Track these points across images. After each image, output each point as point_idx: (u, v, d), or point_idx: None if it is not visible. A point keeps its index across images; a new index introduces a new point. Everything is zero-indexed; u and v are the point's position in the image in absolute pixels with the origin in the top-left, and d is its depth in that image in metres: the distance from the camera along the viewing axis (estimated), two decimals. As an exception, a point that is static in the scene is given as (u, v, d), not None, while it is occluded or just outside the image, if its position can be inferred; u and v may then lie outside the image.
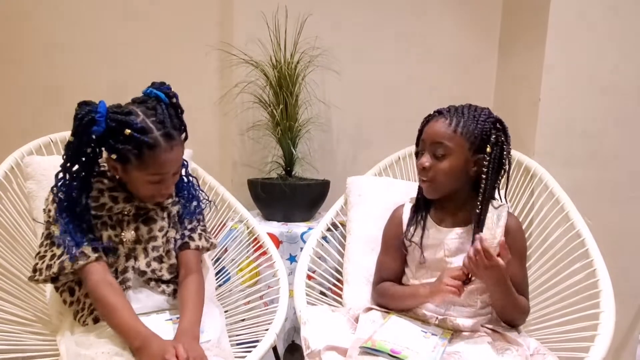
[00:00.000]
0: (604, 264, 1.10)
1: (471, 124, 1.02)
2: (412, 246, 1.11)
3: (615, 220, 1.55)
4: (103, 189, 0.98)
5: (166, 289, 1.04)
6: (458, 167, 1.02)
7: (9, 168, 1.21)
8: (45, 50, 1.73)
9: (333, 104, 1.80)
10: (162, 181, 0.97)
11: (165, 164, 0.94)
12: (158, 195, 1.00)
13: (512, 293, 0.98)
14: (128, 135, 0.89)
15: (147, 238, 1.02)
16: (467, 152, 1.02)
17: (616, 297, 1.04)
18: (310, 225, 1.56)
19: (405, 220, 1.14)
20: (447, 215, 1.09)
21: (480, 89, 1.83)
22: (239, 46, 1.69)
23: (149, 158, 0.91)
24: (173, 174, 0.99)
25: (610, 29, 1.48)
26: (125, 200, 1.00)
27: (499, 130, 1.02)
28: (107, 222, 0.99)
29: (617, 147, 1.54)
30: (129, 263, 1.00)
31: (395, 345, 0.90)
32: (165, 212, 1.06)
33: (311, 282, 1.31)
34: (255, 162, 1.81)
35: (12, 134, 1.71)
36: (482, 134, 1.02)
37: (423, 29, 1.80)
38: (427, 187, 1.07)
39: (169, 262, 1.05)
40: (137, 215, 1.02)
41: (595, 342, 0.95)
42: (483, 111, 1.05)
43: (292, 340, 1.49)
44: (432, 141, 1.03)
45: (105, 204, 0.97)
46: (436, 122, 1.04)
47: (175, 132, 0.95)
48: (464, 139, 1.01)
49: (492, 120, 1.03)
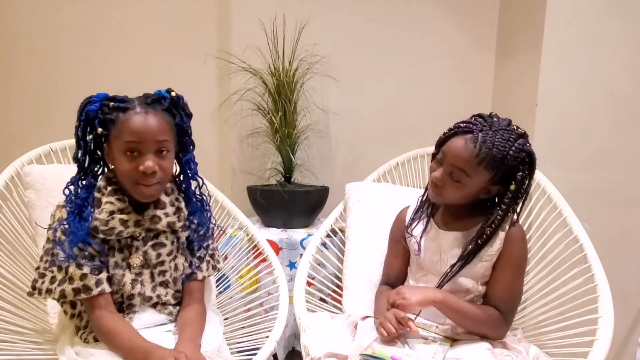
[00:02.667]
0: (602, 268, 1.10)
1: (500, 156, 0.92)
2: (412, 241, 1.11)
3: (613, 225, 1.56)
4: (114, 211, 0.94)
5: (173, 309, 1.03)
6: (471, 193, 0.99)
7: (9, 177, 1.21)
8: (45, 60, 1.73)
9: (331, 111, 1.81)
10: (139, 154, 0.91)
11: (139, 129, 0.90)
12: (139, 175, 0.92)
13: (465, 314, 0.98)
14: (112, 107, 0.92)
15: (154, 263, 1.00)
16: (487, 182, 0.97)
17: (615, 301, 1.04)
18: (309, 231, 1.56)
19: (408, 220, 1.16)
20: (450, 218, 1.08)
21: (477, 94, 1.84)
22: (238, 54, 1.70)
23: (124, 122, 0.91)
24: (155, 151, 0.92)
25: (607, 33, 1.49)
26: (135, 225, 0.97)
27: (527, 165, 0.95)
28: (115, 247, 0.97)
29: (614, 151, 1.55)
30: (135, 290, 0.97)
31: (395, 352, 0.91)
32: (174, 236, 1.03)
33: (311, 289, 1.31)
34: (255, 169, 1.82)
35: (12, 143, 1.71)
36: (509, 169, 0.94)
37: (420, 34, 1.81)
38: (433, 196, 1.05)
39: (174, 288, 1.04)
40: (146, 239, 0.99)
41: (593, 348, 0.95)
42: (518, 140, 0.94)
43: (292, 347, 1.49)
44: (452, 163, 0.96)
45: (115, 229, 0.94)
46: (464, 143, 0.94)
47: (159, 108, 0.95)
48: (487, 171, 0.94)
49: (525, 155, 0.94)
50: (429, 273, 1.09)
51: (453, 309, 0.98)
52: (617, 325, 1.01)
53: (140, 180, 0.93)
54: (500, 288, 1.01)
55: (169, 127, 0.95)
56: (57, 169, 1.22)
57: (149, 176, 0.92)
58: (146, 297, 0.99)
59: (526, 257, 1.06)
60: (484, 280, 1.04)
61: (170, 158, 0.97)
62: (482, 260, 1.01)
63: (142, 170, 0.91)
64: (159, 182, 0.95)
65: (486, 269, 1.02)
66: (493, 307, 1.01)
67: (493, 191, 0.99)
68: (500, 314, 1.00)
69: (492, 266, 1.03)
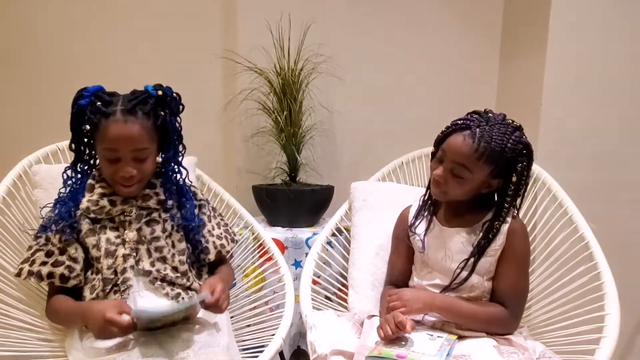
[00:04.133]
0: (607, 266, 1.10)
1: (499, 149, 0.95)
2: (415, 239, 1.11)
3: (618, 223, 1.55)
4: (105, 193, 1.03)
5: (170, 291, 1.03)
6: (473, 188, 1.01)
7: (17, 176, 1.22)
8: (53, 59, 1.74)
9: (336, 110, 1.81)
10: (119, 160, 0.99)
11: (117, 138, 0.96)
12: (118, 178, 1.00)
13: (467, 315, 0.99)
14: (97, 106, 0.96)
15: (149, 239, 1.04)
16: (488, 176, 0.99)
17: (620, 299, 1.04)
18: (314, 230, 1.57)
19: (412, 219, 1.16)
20: (453, 215, 1.09)
21: (482, 94, 1.84)
22: (243, 54, 1.71)
23: (104, 129, 0.96)
24: (133, 158, 0.99)
25: (612, 31, 1.49)
26: (123, 203, 1.04)
27: (525, 157, 0.98)
28: (107, 225, 1.02)
29: (620, 149, 1.54)
30: (127, 263, 1.00)
31: (400, 350, 0.91)
32: (167, 214, 1.08)
33: (316, 287, 1.31)
34: (260, 168, 1.82)
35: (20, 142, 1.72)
36: (508, 162, 0.97)
37: (425, 34, 1.82)
38: (437, 194, 1.06)
39: (172, 264, 1.06)
40: (139, 216, 1.04)
41: (600, 345, 0.95)
42: (514, 133, 0.97)
43: (298, 346, 1.50)
44: (453, 159, 0.99)
45: (104, 207, 1.02)
46: (462, 139, 0.97)
47: (140, 114, 0.98)
48: (487, 165, 0.96)
49: (522, 147, 0.97)
50: (434, 270, 1.09)
51: (455, 313, 1.00)
52: (622, 323, 1.00)
53: (120, 182, 1.01)
54: (506, 283, 1.02)
55: (147, 133, 1.00)
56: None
57: (128, 179, 1.00)
58: (145, 271, 1.02)
59: (529, 251, 1.07)
60: (489, 276, 1.04)
61: (150, 160, 1.04)
62: (487, 256, 1.02)
63: (121, 175, 0.99)
64: (139, 182, 1.03)
65: (491, 264, 1.03)
66: (500, 303, 1.01)
67: (494, 185, 1.01)
68: (507, 310, 1.01)
69: (497, 261, 1.03)
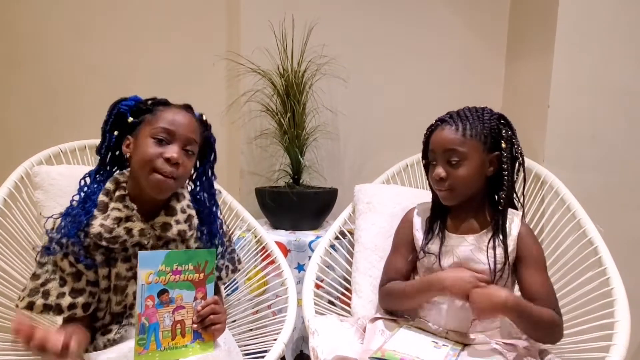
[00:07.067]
0: (617, 271, 1.08)
1: (478, 124, 1.01)
2: (428, 255, 1.09)
3: (627, 227, 1.53)
4: (120, 219, 0.91)
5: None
6: (475, 170, 1.01)
7: (19, 178, 1.22)
8: (56, 62, 1.75)
9: (340, 112, 1.80)
10: (168, 143, 0.92)
11: (174, 121, 0.94)
12: (160, 162, 0.91)
13: (525, 314, 0.92)
14: (152, 102, 0.98)
15: None
16: (482, 153, 1.01)
17: (630, 305, 1.02)
18: (318, 233, 1.55)
19: (416, 225, 1.14)
20: (461, 222, 1.07)
21: (488, 96, 1.82)
22: (247, 55, 1.70)
23: (161, 112, 0.95)
24: (182, 147, 0.93)
25: (620, 33, 1.47)
26: (140, 234, 0.93)
27: (505, 125, 1.03)
28: (119, 257, 0.94)
29: (628, 152, 1.52)
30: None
31: (405, 355, 0.89)
32: (184, 246, 1.01)
33: (319, 291, 1.30)
34: (263, 170, 1.81)
35: (22, 144, 1.73)
36: (492, 132, 1.01)
37: (430, 36, 1.80)
38: (445, 196, 1.04)
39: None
40: (155, 247, 0.96)
41: (610, 353, 0.92)
42: (484, 110, 1.05)
43: (301, 350, 1.48)
44: (443, 150, 1.01)
45: (119, 237, 0.91)
46: (442, 130, 1.03)
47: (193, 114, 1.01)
48: (475, 140, 1.00)
49: (497, 116, 1.03)
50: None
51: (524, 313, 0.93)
52: (633, 329, 0.98)
53: (161, 168, 0.91)
54: (536, 286, 0.98)
55: (198, 131, 0.99)
56: (65, 169, 1.22)
57: (171, 166, 0.91)
58: None
59: (543, 251, 1.06)
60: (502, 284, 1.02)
61: (192, 161, 0.99)
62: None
63: (167, 157, 0.90)
64: (176, 178, 0.93)
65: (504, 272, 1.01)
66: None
67: (493, 161, 1.02)
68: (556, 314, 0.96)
69: (513, 269, 1.02)
